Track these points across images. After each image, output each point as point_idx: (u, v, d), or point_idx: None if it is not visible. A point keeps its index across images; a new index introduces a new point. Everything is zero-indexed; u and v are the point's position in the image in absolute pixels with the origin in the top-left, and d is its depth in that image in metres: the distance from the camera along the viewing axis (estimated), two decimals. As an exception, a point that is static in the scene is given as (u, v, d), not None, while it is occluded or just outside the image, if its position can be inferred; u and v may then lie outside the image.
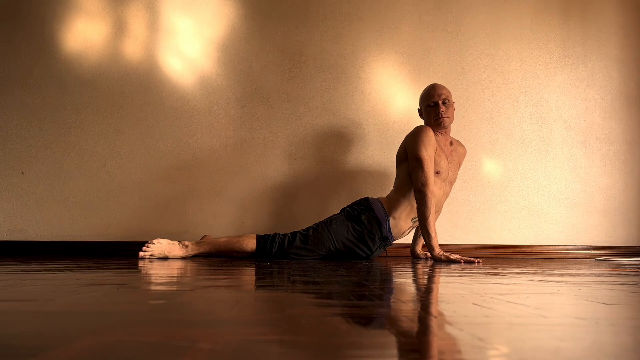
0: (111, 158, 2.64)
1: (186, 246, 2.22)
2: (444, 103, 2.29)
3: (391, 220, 2.30)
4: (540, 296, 0.92)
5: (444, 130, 2.34)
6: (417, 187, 2.19)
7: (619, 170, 2.80)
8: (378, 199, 2.36)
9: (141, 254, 2.13)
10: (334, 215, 2.38)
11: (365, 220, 2.27)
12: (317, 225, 2.32)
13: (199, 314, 0.69)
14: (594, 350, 0.49)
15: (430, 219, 2.15)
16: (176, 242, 2.21)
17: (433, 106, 2.31)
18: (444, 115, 2.28)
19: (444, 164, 2.31)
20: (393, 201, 2.33)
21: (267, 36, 2.73)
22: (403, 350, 0.49)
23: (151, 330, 0.57)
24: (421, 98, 2.39)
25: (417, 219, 2.30)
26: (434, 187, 2.25)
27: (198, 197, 2.64)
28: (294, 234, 2.29)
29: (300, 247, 2.24)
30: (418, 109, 2.45)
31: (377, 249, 2.31)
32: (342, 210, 2.39)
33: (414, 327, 0.61)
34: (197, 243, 2.25)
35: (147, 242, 2.17)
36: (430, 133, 2.26)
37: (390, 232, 2.31)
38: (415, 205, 2.26)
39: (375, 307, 0.76)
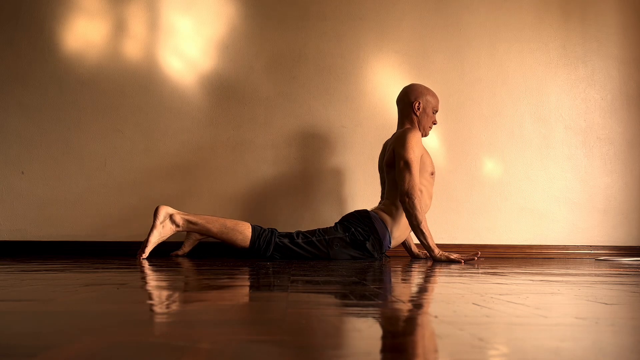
0: (111, 158, 2.64)
1: (178, 225, 2.15)
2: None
3: (392, 236, 2.28)
4: (540, 296, 0.92)
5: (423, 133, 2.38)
6: (405, 191, 2.14)
7: (619, 170, 2.80)
8: (378, 216, 2.27)
9: (144, 255, 2.11)
10: (335, 231, 2.25)
11: (370, 246, 2.23)
12: (317, 239, 2.22)
13: (199, 314, 0.69)
14: (594, 350, 0.49)
15: (424, 221, 2.13)
16: (167, 222, 2.14)
17: (434, 113, 2.37)
18: (433, 125, 2.41)
19: (432, 162, 2.34)
20: (392, 214, 2.28)
21: (267, 36, 2.73)
22: (403, 350, 0.49)
23: (151, 330, 0.57)
24: (428, 97, 2.34)
25: None
26: (430, 188, 2.31)
27: (198, 197, 2.64)
28: (292, 240, 2.20)
29: (295, 252, 2.21)
30: (416, 102, 2.32)
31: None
32: (343, 225, 2.27)
33: (414, 327, 0.61)
34: (189, 221, 2.16)
35: (143, 245, 2.13)
36: (418, 135, 2.25)
37: (389, 245, 2.29)
38: None
39: (375, 306, 0.76)
